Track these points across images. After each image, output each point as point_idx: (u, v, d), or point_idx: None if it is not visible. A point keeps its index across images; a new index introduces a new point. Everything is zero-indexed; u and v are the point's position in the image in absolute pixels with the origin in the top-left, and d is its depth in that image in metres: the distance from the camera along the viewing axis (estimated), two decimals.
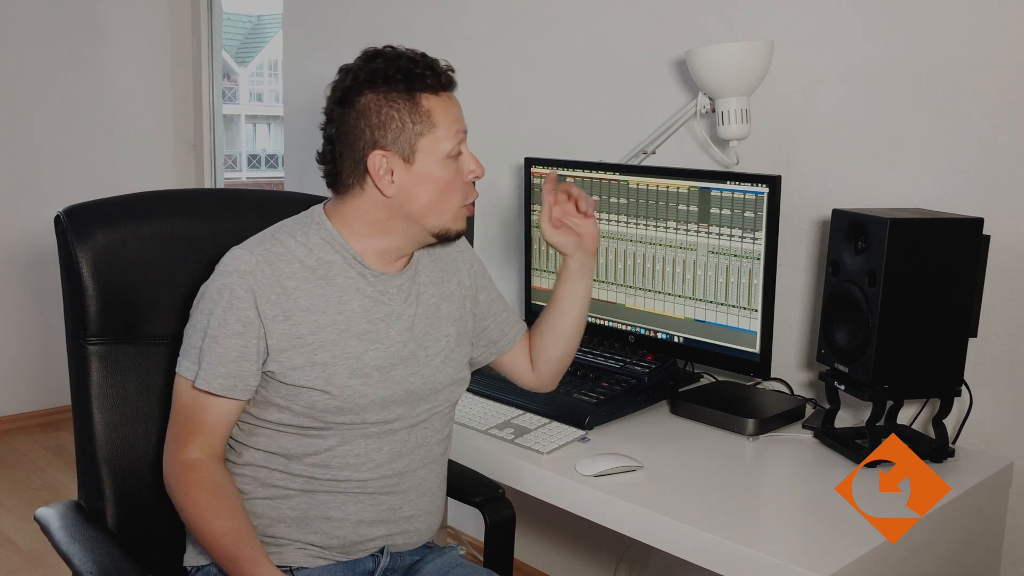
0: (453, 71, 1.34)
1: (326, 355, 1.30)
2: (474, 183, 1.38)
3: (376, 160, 1.29)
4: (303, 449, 1.33)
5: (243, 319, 1.27)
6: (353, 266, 1.34)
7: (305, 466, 1.33)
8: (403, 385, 1.36)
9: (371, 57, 1.31)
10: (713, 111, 1.88)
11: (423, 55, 1.32)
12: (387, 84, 1.28)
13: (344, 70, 1.32)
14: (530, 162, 2.13)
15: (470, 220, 2.26)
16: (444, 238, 1.36)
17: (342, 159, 1.32)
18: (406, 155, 1.29)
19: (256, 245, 1.32)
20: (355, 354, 1.32)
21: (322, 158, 1.35)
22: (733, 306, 1.79)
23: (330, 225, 1.35)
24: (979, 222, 1.53)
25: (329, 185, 1.37)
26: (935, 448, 1.59)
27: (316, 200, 1.56)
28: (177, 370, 1.31)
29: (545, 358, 1.57)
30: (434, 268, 1.45)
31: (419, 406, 1.38)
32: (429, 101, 1.29)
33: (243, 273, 1.28)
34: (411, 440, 1.39)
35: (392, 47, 1.32)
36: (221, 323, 1.27)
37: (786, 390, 1.93)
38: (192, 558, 1.36)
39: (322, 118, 1.37)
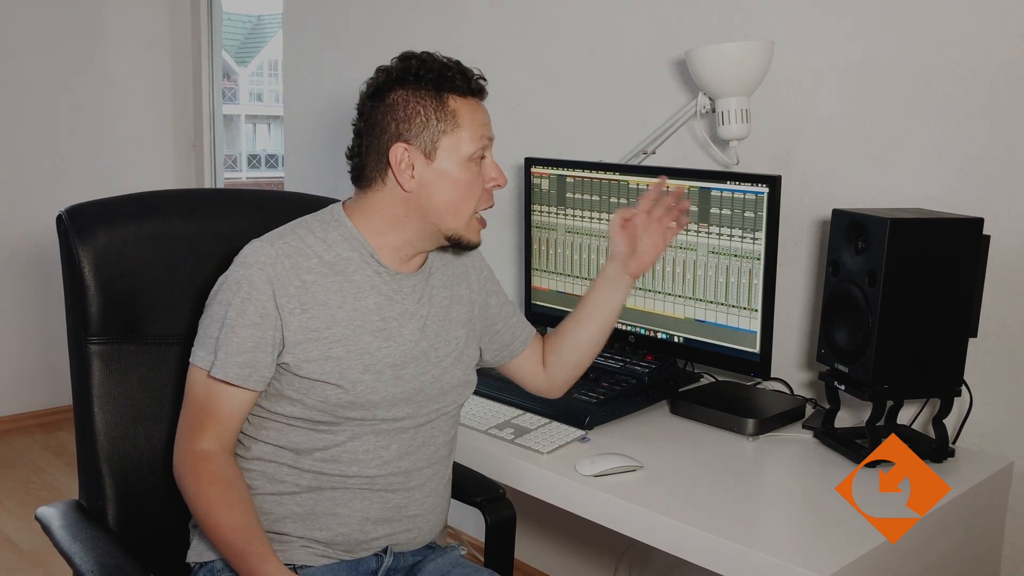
0: (485, 80, 1.37)
1: (340, 350, 1.31)
2: (492, 193, 1.40)
3: (398, 153, 1.31)
4: (312, 444, 1.33)
5: (261, 310, 1.28)
6: (369, 263, 1.35)
7: (314, 461, 1.33)
8: (413, 384, 1.36)
9: (406, 58, 1.35)
10: (713, 111, 1.88)
11: (457, 62, 1.35)
12: (417, 82, 1.32)
13: (379, 69, 1.36)
14: (530, 162, 2.13)
15: None
16: (456, 244, 1.38)
17: (367, 153, 1.35)
18: (428, 151, 1.32)
19: (276, 238, 1.33)
20: (369, 350, 1.33)
21: (350, 152, 1.38)
22: (733, 306, 1.79)
23: (349, 222, 1.36)
24: (979, 222, 1.53)
25: (353, 180, 1.39)
26: (935, 448, 1.59)
27: (317, 200, 1.57)
28: (191, 360, 1.32)
29: (559, 362, 1.58)
30: (446, 272, 1.46)
31: (428, 406, 1.39)
32: (456, 102, 1.32)
33: (263, 265, 1.29)
34: (418, 439, 1.39)
35: (429, 53, 1.35)
36: (239, 313, 1.28)
37: (786, 390, 1.94)
38: (197, 554, 1.36)
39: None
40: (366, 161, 1.35)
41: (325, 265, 1.33)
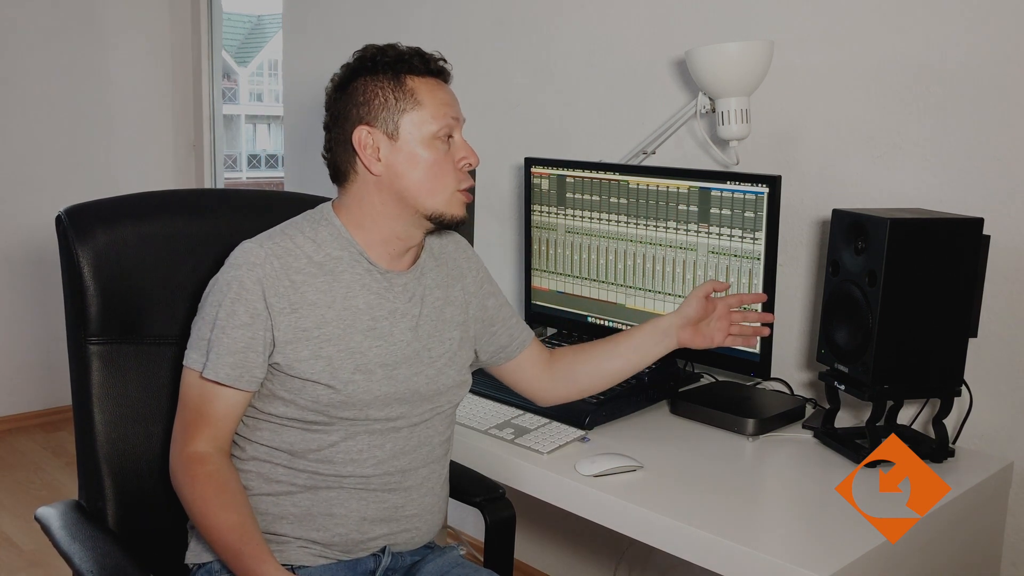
0: (446, 62, 1.37)
1: (331, 349, 1.31)
2: (473, 173, 1.38)
3: (361, 136, 1.32)
4: (307, 444, 1.33)
5: (251, 310, 1.29)
6: (360, 262, 1.35)
7: (309, 462, 1.33)
8: (406, 384, 1.36)
9: (365, 49, 1.36)
10: (713, 111, 1.88)
11: (417, 48, 1.36)
12: (375, 68, 1.34)
13: (342, 65, 1.37)
14: (530, 162, 2.13)
15: (470, 219, 2.28)
16: (440, 223, 1.36)
17: (336, 145, 1.36)
18: (390, 132, 1.32)
19: (266, 239, 1.34)
20: (359, 350, 1.33)
21: (324, 150, 1.40)
22: None
23: (338, 221, 1.37)
24: (979, 222, 1.53)
25: (332, 178, 1.40)
26: (935, 448, 1.59)
27: (316, 200, 1.57)
28: (185, 362, 1.32)
29: (570, 378, 1.57)
30: (440, 272, 1.46)
31: (421, 406, 1.39)
32: (414, 81, 1.33)
33: (252, 265, 1.30)
34: (413, 439, 1.39)
35: (390, 44, 1.36)
36: (230, 314, 1.29)
37: (786, 390, 1.94)
38: (195, 555, 1.36)
39: (322, 117, 1.40)
40: (337, 154, 1.36)
41: (314, 265, 1.33)
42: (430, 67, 1.34)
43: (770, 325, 1.58)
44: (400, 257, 1.39)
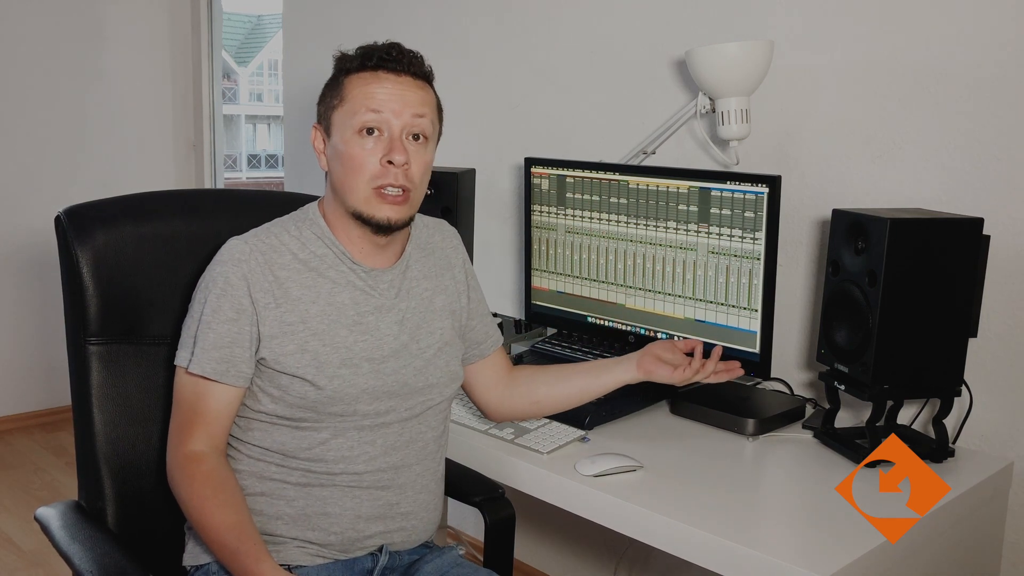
0: (397, 55, 1.33)
1: (316, 343, 1.32)
2: (407, 173, 1.32)
3: (312, 133, 1.39)
4: (297, 443, 1.34)
5: (237, 306, 1.30)
6: (343, 261, 1.36)
7: (301, 460, 1.34)
8: (394, 377, 1.37)
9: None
10: (713, 111, 1.88)
11: (381, 44, 1.35)
12: (334, 68, 1.38)
13: None
14: (530, 162, 2.13)
15: (468, 220, 2.28)
16: (366, 223, 1.33)
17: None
18: (327, 128, 1.37)
19: (251, 236, 1.36)
20: (345, 344, 1.33)
21: None
22: (733, 306, 1.79)
23: (322, 222, 1.38)
24: (979, 222, 1.53)
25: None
26: (935, 448, 1.59)
27: (314, 200, 1.57)
28: (175, 362, 1.34)
29: (528, 391, 1.59)
30: (427, 263, 1.46)
31: (411, 399, 1.39)
32: (348, 77, 1.35)
33: (238, 261, 1.31)
34: (404, 435, 1.39)
35: (366, 44, 1.37)
36: (215, 309, 1.30)
37: (786, 390, 1.93)
38: (192, 557, 1.36)
39: None
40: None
41: (299, 262, 1.35)
42: (365, 63, 1.34)
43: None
44: (380, 253, 1.39)
